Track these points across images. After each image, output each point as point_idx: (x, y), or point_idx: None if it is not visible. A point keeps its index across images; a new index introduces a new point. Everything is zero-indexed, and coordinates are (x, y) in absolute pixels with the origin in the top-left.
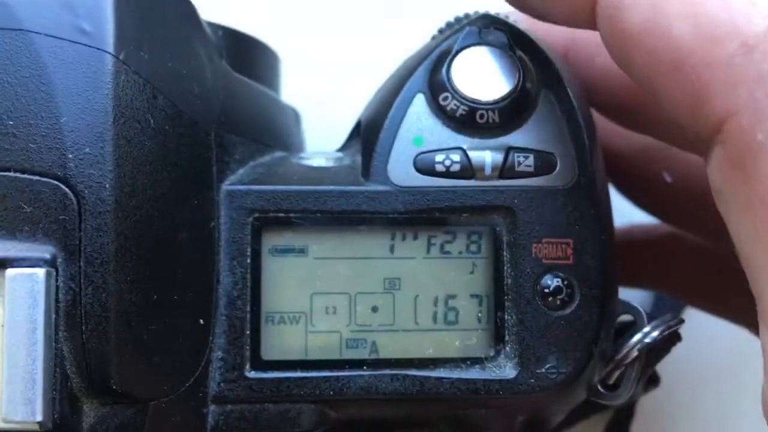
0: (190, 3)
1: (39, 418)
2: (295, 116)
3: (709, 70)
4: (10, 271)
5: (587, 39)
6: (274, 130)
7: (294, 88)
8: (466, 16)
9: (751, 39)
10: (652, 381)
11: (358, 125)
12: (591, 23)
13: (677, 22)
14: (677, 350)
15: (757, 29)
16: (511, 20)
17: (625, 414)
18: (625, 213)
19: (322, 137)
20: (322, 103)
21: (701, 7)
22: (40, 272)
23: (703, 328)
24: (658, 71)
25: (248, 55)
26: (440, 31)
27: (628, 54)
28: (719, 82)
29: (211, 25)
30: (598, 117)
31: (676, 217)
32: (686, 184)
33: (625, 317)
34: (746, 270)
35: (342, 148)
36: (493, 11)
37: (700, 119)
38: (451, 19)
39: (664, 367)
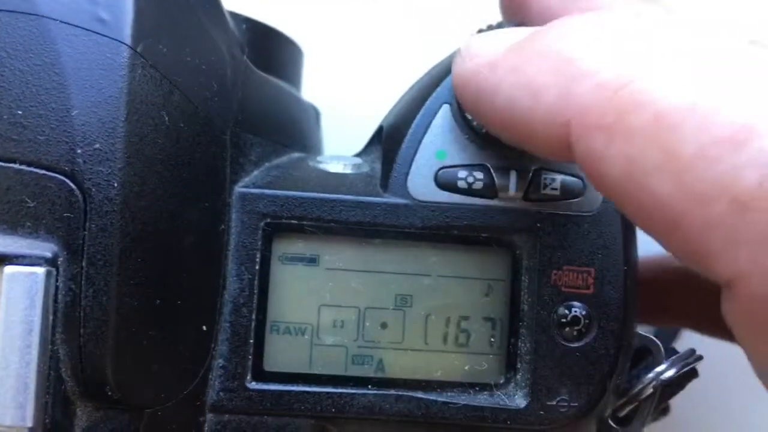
0: None
1: (29, 423)
2: (316, 115)
3: (706, 231)
4: (9, 269)
5: None
6: (293, 130)
7: (315, 84)
8: (500, 24)
9: (741, 195)
10: (663, 411)
11: (379, 131)
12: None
13: (657, 179)
14: None
15: (745, 183)
16: None
17: None
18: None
19: (341, 136)
20: (343, 101)
21: (679, 161)
22: (40, 271)
23: (717, 349)
24: (654, 226)
25: (272, 50)
26: None
27: (618, 202)
28: (719, 244)
29: (236, 16)
30: None
31: None
32: None
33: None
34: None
35: (361, 153)
36: None
37: (709, 274)
38: (483, 25)
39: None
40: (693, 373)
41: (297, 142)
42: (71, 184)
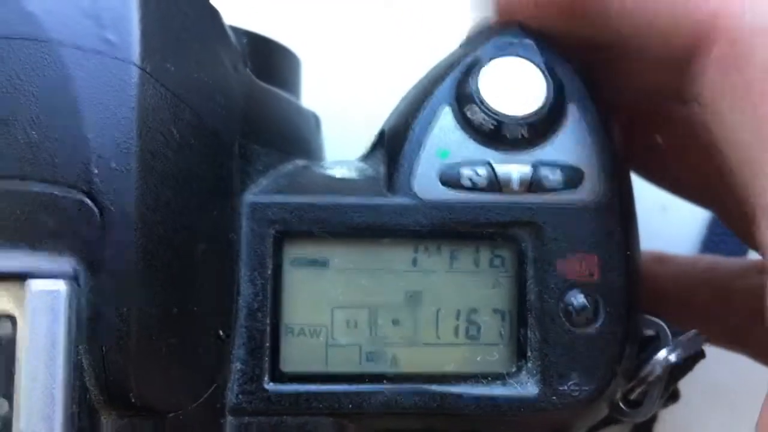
0: (216, 10)
1: None
2: (316, 121)
3: None
4: (32, 285)
5: None
6: (296, 138)
7: (314, 92)
8: (495, 24)
9: None
10: (672, 396)
11: (381, 134)
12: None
13: None
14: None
15: None
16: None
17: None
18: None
19: (342, 142)
20: (342, 108)
21: None
22: (62, 286)
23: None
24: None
25: (272, 61)
26: (468, 40)
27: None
28: None
29: (236, 30)
30: None
31: (669, 181)
32: (678, 148)
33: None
34: (739, 175)
35: (365, 157)
36: None
37: (691, 24)
38: (479, 27)
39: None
40: (700, 354)
41: (300, 149)
42: (88, 202)
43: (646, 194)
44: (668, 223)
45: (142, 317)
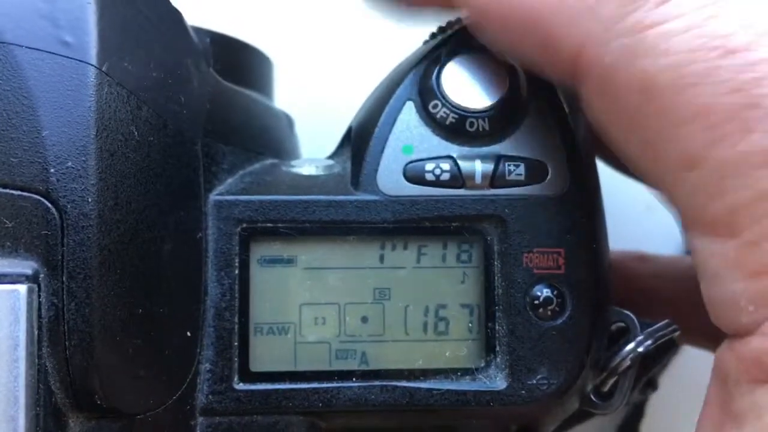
0: (177, 11)
1: None
2: (288, 122)
3: (553, 17)
4: None
5: None
6: (266, 137)
7: (289, 93)
8: (458, 21)
9: None
10: (651, 385)
11: (349, 131)
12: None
13: None
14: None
15: None
16: None
17: (635, 414)
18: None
19: (318, 142)
20: (317, 108)
21: None
22: (22, 288)
23: None
24: (514, 35)
25: (238, 61)
26: (431, 37)
27: (487, 27)
28: (562, 25)
29: (199, 31)
30: None
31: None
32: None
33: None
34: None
35: (333, 155)
36: None
37: (558, 65)
38: (443, 23)
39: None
40: (671, 344)
41: (270, 149)
42: (47, 203)
43: (631, 194)
44: (654, 222)
45: (105, 318)
